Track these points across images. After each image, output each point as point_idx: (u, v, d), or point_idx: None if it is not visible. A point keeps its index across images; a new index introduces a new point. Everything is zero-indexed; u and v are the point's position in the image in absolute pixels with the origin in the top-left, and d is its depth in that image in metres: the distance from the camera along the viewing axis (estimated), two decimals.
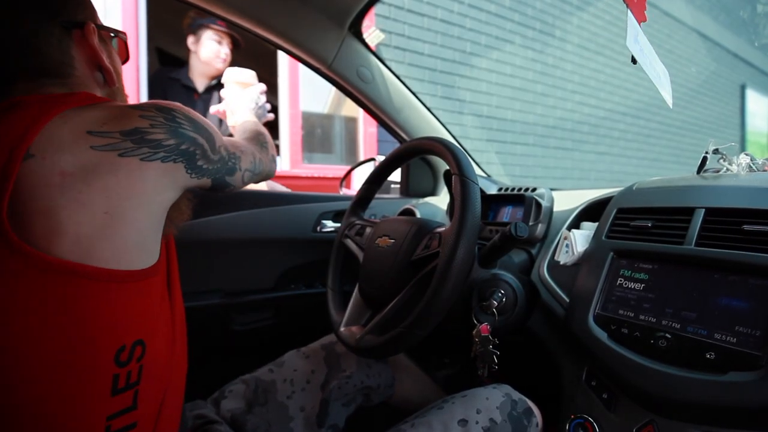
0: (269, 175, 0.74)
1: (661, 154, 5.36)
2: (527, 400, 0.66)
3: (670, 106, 0.56)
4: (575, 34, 4.22)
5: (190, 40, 1.83)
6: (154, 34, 2.02)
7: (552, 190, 0.90)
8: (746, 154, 0.70)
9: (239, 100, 0.89)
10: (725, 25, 6.00)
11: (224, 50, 1.84)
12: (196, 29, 1.81)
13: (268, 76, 2.71)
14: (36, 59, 0.50)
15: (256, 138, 0.76)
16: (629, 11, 0.48)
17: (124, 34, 0.63)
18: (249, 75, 0.93)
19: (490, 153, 3.73)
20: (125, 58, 0.64)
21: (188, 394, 0.68)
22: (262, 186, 1.28)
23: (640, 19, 0.53)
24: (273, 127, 2.60)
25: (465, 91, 3.55)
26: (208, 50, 1.82)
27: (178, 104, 0.50)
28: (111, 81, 0.57)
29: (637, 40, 0.48)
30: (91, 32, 0.53)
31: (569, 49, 4.19)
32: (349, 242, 0.81)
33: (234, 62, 2.93)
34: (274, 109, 0.87)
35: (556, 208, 0.84)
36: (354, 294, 0.77)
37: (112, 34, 0.59)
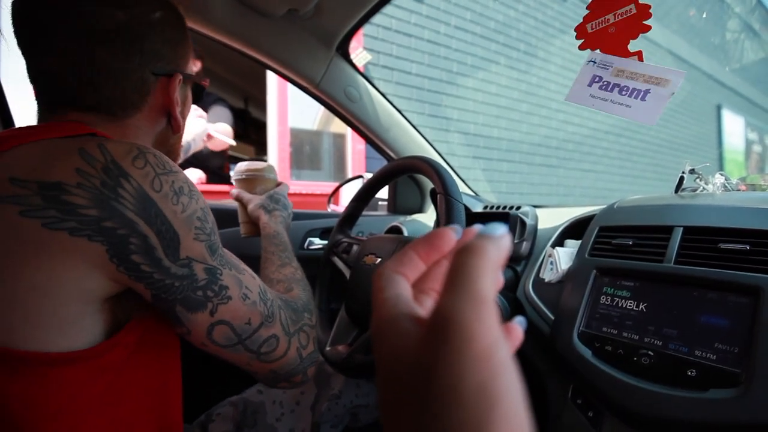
0: (280, 375, 0.49)
1: (644, 171, 5.51)
2: None
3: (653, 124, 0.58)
4: (558, 55, 4.36)
5: None
6: None
7: (536, 207, 0.91)
8: (721, 174, 0.72)
9: (255, 202, 0.75)
10: (700, 48, 6.27)
11: None
12: None
13: (257, 93, 2.72)
14: (106, 95, 0.46)
15: (292, 281, 0.60)
16: (594, 56, 0.49)
17: (206, 81, 0.60)
18: (263, 169, 0.78)
19: (477, 170, 3.79)
20: (199, 100, 0.61)
21: None
22: None
23: (620, 52, 0.53)
24: (261, 143, 2.60)
25: (452, 109, 3.62)
26: None
27: (146, 171, 0.39)
28: (176, 129, 0.54)
29: (591, 85, 0.50)
30: (175, 83, 0.51)
31: (552, 70, 4.31)
32: (336, 260, 0.81)
33: (223, 79, 2.94)
34: (263, 126, 0.82)
35: (540, 226, 0.85)
36: (340, 312, 0.76)
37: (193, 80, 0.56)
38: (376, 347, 0.20)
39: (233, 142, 0.78)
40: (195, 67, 0.58)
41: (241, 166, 0.79)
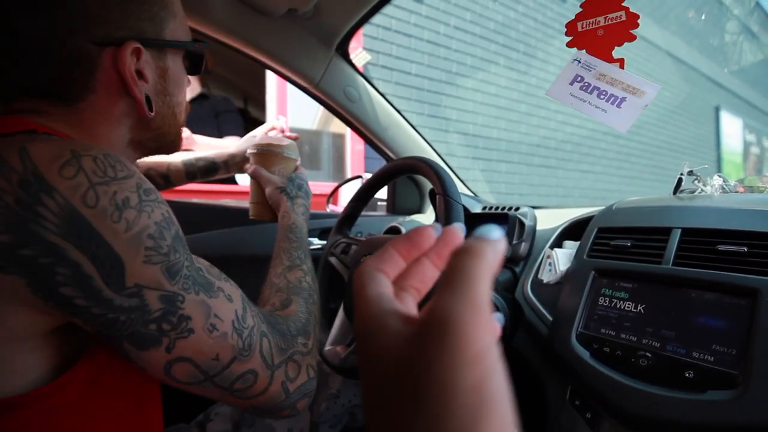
0: (263, 411, 0.43)
1: (642, 172, 5.52)
2: None
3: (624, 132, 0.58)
4: (557, 56, 4.37)
5: None
6: None
7: (534, 208, 0.92)
8: (719, 176, 0.72)
9: (275, 184, 0.67)
10: (699, 49, 6.28)
11: None
12: None
13: (257, 92, 2.72)
14: (43, 75, 0.39)
15: (294, 291, 0.52)
16: (578, 56, 0.50)
17: (200, 45, 0.50)
18: (286, 146, 0.70)
19: (476, 171, 3.79)
20: (197, 72, 0.52)
21: (170, 418, 0.66)
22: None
23: (605, 57, 0.53)
24: None
25: (451, 109, 3.62)
26: None
27: (78, 181, 0.31)
28: (141, 111, 0.45)
29: (573, 84, 0.50)
30: (126, 54, 0.41)
31: (551, 71, 4.32)
32: (334, 260, 0.81)
33: (222, 78, 2.93)
34: (261, 125, 0.75)
35: (538, 227, 0.86)
36: (339, 313, 0.76)
37: (183, 47, 0.48)
38: (360, 345, 0.20)
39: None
40: (178, 29, 0.48)
41: (262, 139, 0.72)
